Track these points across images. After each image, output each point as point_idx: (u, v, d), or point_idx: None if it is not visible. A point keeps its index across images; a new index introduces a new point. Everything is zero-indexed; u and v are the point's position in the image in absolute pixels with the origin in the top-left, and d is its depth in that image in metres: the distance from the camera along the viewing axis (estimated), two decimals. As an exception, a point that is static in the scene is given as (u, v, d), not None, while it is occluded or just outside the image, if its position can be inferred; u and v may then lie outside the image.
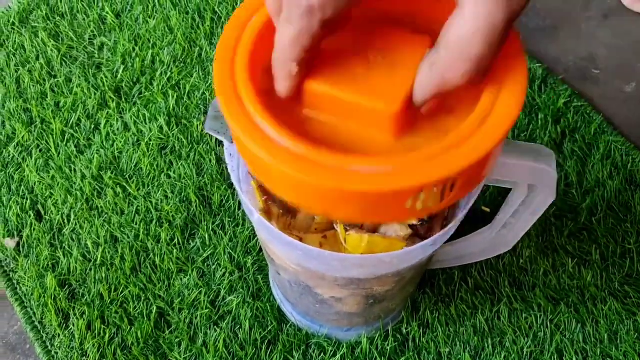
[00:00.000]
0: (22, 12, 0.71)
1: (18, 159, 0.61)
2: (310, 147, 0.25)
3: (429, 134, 0.27)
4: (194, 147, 0.60)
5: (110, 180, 0.59)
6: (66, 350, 0.52)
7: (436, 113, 0.27)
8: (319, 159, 0.24)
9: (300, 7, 0.23)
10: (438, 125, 0.27)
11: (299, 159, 0.25)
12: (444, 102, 0.26)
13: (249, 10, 0.28)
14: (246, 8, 0.29)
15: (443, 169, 0.24)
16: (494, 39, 0.22)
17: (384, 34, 0.27)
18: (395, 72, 0.26)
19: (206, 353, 0.51)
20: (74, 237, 0.57)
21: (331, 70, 0.26)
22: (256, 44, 0.28)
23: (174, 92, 0.64)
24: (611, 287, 0.53)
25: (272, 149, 0.25)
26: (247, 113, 0.26)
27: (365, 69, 0.26)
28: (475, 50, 0.22)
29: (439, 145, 0.25)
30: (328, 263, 0.32)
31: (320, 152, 0.25)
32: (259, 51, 0.28)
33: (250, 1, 0.29)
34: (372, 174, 0.24)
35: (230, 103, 0.26)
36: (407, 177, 0.24)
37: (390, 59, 0.27)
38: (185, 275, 0.54)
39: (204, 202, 0.58)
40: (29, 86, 0.65)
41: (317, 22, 0.23)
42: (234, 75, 0.27)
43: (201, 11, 0.69)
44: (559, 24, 0.71)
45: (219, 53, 0.28)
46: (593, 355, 0.50)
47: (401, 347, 0.51)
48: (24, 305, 0.54)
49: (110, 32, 0.69)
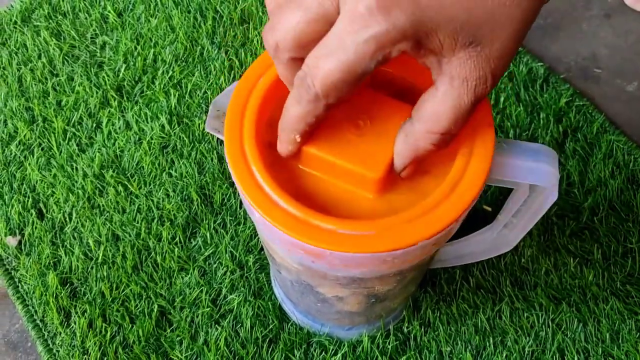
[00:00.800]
0: (24, 11, 0.71)
1: (20, 157, 0.61)
2: (307, 211, 0.29)
3: (408, 192, 0.31)
4: (195, 145, 0.60)
5: (112, 178, 0.59)
6: (67, 348, 0.52)
7: (414, 174, 0.31)
8: (314, 221, 0.29)
9: (308, 94, 0.26)
10: (415, 184, 0.31)
11: (296, 220, 0.29)
12: (420, 164, 0.31)
13: (258, 71, 0.33)
14: (255, 69, 0.33)
15: (418, 233, 0.29)
16: (460, 117, 0.26)
17: (374, 101, 0.32)
18: (381, 139, 0.30)
19: (207, 351, 0.51)
20: (75, 235, 0.57)
21: (325, 135, 0.31)
22: (263, 100, 0.32)
23: (176, 91, 0.64)
24: (613, 286, 0.53)
25: (271, 209, 0.29)
26: (252, 174, 0.30)
27: (355, 135, 0.31)
28: (444, 125, 0.26)
29: (416, 209, 0.29)
30: (329, 262, 0.32)
31: (316, 215, 0.29)
32: (265, 107, 0.33)
33: (258, 63, 0.33)
34: (358, 237, 0.29)
35: (238, 163, 0.31)
36: (387, 241, 0.29)
37: (378, 126, 0.31)
38: (186, 274, 0.54)
39: (205, 201, 0.58)
40: (30, 85, 0.65)
41: (322, 107, 0.26)
42: (242, 133, 0.31)
43: (203, 10, 0.69)
44: (560, 23, 0.71)
45: (230, 110, 0.32)
46: (595, 354, 0.50)
47: (402, 346, 0.51)
48: (25, 304, 0.55)
49: (112, 31, 0.69)
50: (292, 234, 0.29)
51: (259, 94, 0.33)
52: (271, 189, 0.30)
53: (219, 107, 0.35)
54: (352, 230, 0.29)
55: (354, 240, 0.29)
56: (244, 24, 0.69)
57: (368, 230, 0.29)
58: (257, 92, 0.33)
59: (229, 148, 0.31)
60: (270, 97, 0.33)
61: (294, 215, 0.29)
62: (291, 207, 0.29)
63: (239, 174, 0.31)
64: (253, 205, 0.30)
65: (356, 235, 0.29)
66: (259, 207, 0.30)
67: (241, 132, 0.32)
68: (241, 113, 0.32)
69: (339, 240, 0.29)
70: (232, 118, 0.32)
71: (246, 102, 0.32)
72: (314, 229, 0.29)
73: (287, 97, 0.28)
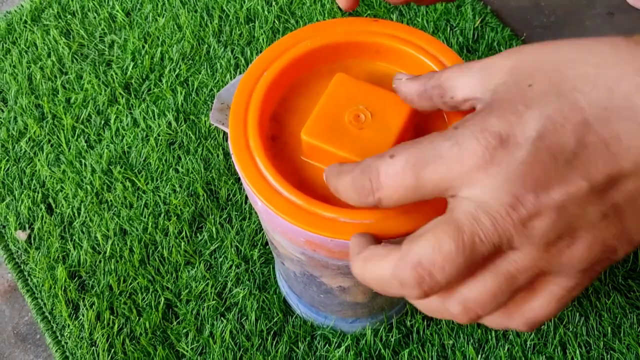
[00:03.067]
0: (34, 11, 0.72)
1: (30, 153, 0.62)
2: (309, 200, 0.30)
3: None
4: (201, 142, 0.61)
5: (120, 174, 0.60)
6: (76, 340, 0.53)
7: None
8: (316, 210, 0.30)
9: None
10: None
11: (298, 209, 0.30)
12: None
13: (262, 66, 0.34)
14: (259, 64, 0.34)
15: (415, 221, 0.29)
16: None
17: (375, 95, 0.32)
18: (381, 132, 0.31)
19: (213, 344, 0.52)
20: (84, 229, 0.58)
21: (327, 126, 0.31)
22: (267, 94, 0.33)
23: (183, 88, 0.65)
24: (615, 281, 0.54)
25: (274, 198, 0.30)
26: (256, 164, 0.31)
27: (356, 127, 0.31)
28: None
29: None
30: (330, 250, 0.32)
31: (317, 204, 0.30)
32: (269, 101, 0.33)
33: (262, 58, 0.34)
34: (358, 225, 0.29)
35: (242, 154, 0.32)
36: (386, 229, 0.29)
37: (378, 118, 0.31)
38: (192, 268, 0.55)
39: (211, 196, 0.59)
40: (40, 83, 0.66)
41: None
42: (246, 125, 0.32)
43: (209, 9, 0.70)
44: (564, 21, 0.71)
45: (235, 104, 0.33)
46: (596, 348, 0.51)
47: (405, 339, 0.52)
48: (34, 297, 0.55)
49: (120, 30, 0.70)
50: (294, 222, 0.30)
51: (263, 88, 0.33)
52: (274, 178, 0.31)
53: (223, 100, 0.36)
54: (352, 218, 0.30)
55: (354, 228, 0.29)
56: (250, 22, 0.69)
57: (367, 219, 0.30)
58: (261, 86, 0.33)
59: (233, 139, 0.32)
60: (273, 92, 0.34)
61: (296, 203, 0.30)
62: (293, 196, 0.30)
63: (242, 164, 0.31)
64: (256, 194, 0.31)
65: (356, 224, 0.30)
66: (262, 195, 0.31)
67: (245, 124, 0.32)
68: (245, 106, 0.33)
69: (339, 228, 0.30)
70: (237, 111, 0.33)
71: (250, 96, 0.33)
72: (316, 217, 0.30)
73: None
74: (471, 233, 0.22)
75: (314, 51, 0.35)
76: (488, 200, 0.22)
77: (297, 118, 0.34)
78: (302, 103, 0.35)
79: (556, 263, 0.23)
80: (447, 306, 0.24)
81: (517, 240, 0.22)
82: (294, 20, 0.69)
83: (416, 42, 0.34)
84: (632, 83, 0.21)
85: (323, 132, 0.31)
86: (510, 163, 0.22)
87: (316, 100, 0.33)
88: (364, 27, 0.35)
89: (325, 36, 0.35)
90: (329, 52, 0.35)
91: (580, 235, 0.22)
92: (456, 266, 0.22)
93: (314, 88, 0.35)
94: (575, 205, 0.22)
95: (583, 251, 0.23)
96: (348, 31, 0.35)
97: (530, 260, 0.23)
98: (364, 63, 0.36)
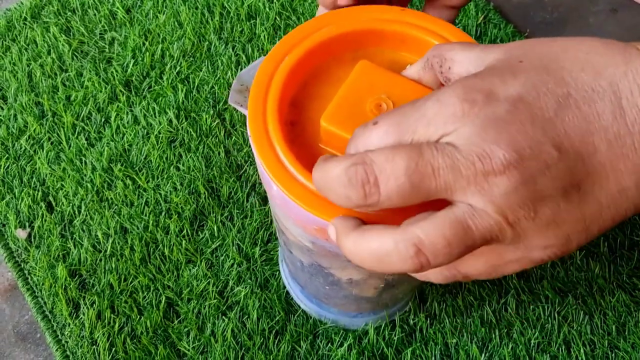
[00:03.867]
0: (33, 8, 0.71)
1: (30, 151, 0.62)
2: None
3: None
4: (202, 140, 0.61)
5: (120, 172, 0.59)
6: (76, 339, 0.52)
7: None
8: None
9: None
10: None
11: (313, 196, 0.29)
12: None
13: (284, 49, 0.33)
14: (281, 48, 0.33)
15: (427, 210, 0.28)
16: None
17: (396, 83, 0.31)
18: None
19: (214, 342, 0.51)
20: (84, 228, 0.57)
21: (347, 114, 0.30)
22: (287, 80, 0.32)
23: (183, 85, 0.64)
24: (619, 279, 0.53)
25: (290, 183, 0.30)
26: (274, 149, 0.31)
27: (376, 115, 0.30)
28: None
29: None
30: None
31: None
32: (289, 86, 0.33)
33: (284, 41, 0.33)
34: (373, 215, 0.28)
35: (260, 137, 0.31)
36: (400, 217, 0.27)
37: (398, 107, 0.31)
38: (193, 266, 0.55)
39: (212, 194, 0.58)
40: (40, 80, 0.66)
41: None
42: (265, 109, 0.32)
43: (210, 6, 0.70)
44: (567, 17, 0.71)
45: (255, 87, 0.32)
46: (601, 346, 0.50)
47: (408, 338, 0.51)
48: (34, 295, 0.55)
49: (121, 27, 0.70)
50: (308, 208, 0.29)
51: (284, 72, 0.33)
52: (291, 164, 0.30)
53: (243, 81, 0.36)
54: None
55: (369, 218, 0.28)
56: (251, 19, 0.69)
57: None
58: (282, 70, 0.33)
59: (252, 123, 0.32)
60: (294, 77, 0.33)
61: (311, 190, 0.29)
62: (310, 182, 0.29)
63: (260, 148, 0.31)
64: (272, 178, 0.30)
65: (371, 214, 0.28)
66: (278, 180, 0.30)
67: (264, 109, 0.32)
68: (265, 90, 0.32)
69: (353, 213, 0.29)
70: (257, 95, 0.32)
71: (270, 80, 0.33)
72: (331, 205, 0.29)
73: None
74: (426, 161, 0.22)
75: (338, 37, 0.34)
76: (458, 145, 0.22)
77: (317, 104, 0.33)
78: (323, 89, 0.34)
79: (509, 231, 0.22)
80: (399, 246, 0.23)
81: (473, 189, 0.22)
82: (295, 17, 0.68)
83: (443, 34, 0.33)
84: (619, 70, 0.22)
85: (343, 120, 0.30)
86: (488, 116, 0.22)
87: (337, 87, 0.32)
88: (391, 15, 0.34)
89: (350, 22, 0.34)
90: (352, 39, 0.34)
91: (541, 211, 0.22)
92: (400, 183, 0.22)
93: (335, 75, 0.34)
94: (542, 176, 0.22)
95: (541, 229, 0.22)
96: (374, 18, 0.34)
97: (486, 218, 0.22)
98: (387, 52, 0.35)
